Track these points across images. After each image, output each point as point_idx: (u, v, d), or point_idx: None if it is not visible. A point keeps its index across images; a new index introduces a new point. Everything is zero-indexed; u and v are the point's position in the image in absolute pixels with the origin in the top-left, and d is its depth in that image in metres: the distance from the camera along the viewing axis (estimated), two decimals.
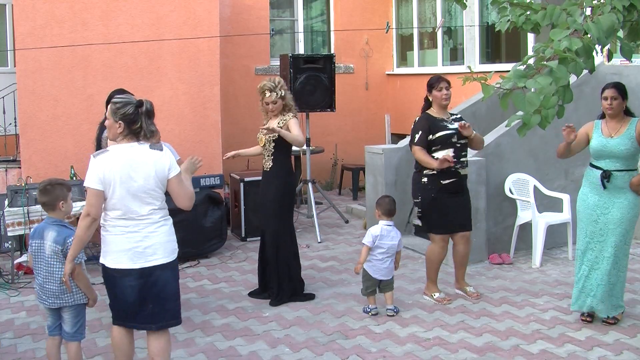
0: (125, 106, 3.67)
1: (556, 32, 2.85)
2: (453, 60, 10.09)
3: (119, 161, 3.62)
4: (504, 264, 6.53)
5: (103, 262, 3.74)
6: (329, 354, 4.54)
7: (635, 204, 4.81)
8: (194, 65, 7.91)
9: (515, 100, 2.71)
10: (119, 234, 3.67)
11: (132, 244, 3.66)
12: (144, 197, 3.67)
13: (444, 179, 5.33)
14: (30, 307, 5.55)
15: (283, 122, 5.55)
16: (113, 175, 3.60)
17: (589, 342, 4.64)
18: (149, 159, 3.67)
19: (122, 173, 3.61)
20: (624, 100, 4.84)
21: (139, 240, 3.66)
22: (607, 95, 4.85)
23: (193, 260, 6.87)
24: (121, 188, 3.61)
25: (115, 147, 3.70)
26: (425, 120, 5.45)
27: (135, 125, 3.66)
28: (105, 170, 3.60)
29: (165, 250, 3.76)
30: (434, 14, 10.25)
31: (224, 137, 8.38)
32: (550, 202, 6.80)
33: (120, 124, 3.66)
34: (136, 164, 3.64)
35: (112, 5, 7.57)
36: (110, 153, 3.66)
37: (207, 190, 7.14)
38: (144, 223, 3.68)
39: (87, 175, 3.65)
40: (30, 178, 6.63)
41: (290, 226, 5.71)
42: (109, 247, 3.70)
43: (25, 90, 7.37)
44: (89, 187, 3.62)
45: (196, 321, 5.21)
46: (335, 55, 8.53)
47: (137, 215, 3.66)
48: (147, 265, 3.69)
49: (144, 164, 3.66)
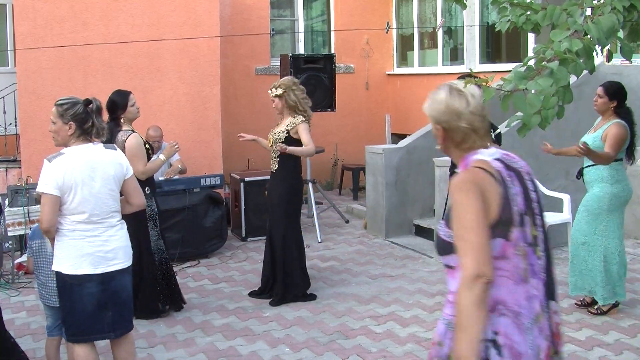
0: (74, 106, 3.60)
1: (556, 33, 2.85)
2: (453, 60, 10.10)
3: (77, 163, 3.53)
4: None
5: (59, 270, 3.56)
6: (329, 354, 4.54)
7: (598, 197, 5.00)
8: (194, 65, 7.92)
9: (516, 102, 2.71)
10: (78, 238, 3.53)
11: (94, 248, 3.54)
12: (105, 199, 3.59)
13: None
14: (31, 307, 5.55)
15: (292, 125, 5.49)
16: (74, 178, 3.49)
17: (589, 342, 4.64)
18: (106, 158, 3.63)
19: (83, 175, 3.52)
20: (610, 100, 4.99)
21: (99, 245, 3.56)
22: (596, 93, 5.08)
23: (193, 260, 6.87)
24: (82, 191, 3.51)
25: (70, 149, 3.58)
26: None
27: (87, 124, 3.59)
28: (65, 174, 3.48)
29: (125, 254, 3.69)
30: (434, 14, 10.24)
31: (224, 137, 8.38)
32: (551, 202, 6.79)
33: (71, 125, 3.57)
34: (95, 164, 3.58)
35: (112, 5, 7.57)
36: (66, 156, 3.55)
37: (207, 190, 7.14)
38: (104, 226, 3.59)
39: (43, 181, 3.48)
40: (30, 178, 6.63)
41: (298, 228, 5.70)
42: (66, 252, 3.54)
43: (26, 90, 7.37)
44: (44, 192, 3.46)
45: (196, 321, 5.21)
46: (335, 55, 8.53)
47: (99, 218, 3.57)
48: (109, 270, 3.58)
49: (103, 164, 3.61)
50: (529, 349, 2.28)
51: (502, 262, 2.27)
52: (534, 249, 2.33)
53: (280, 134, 5.52)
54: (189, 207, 6.86)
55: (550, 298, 2.38)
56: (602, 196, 5.00)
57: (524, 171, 2.40)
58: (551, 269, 2.40)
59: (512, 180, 2.32)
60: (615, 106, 5.00)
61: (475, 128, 2.37)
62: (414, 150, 7.47)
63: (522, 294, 2.30)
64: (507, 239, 2.27)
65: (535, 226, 2.34)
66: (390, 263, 6.72)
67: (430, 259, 6.78)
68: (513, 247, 2.28)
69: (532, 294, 2.32)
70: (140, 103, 7.54)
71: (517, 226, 2.28)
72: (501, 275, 2.27)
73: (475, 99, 2.38)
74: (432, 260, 6.67)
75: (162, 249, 5.32)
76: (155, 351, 4.67)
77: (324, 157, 10.18)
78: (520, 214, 2.29)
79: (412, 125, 9.33)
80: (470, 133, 2.38)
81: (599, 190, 5.01)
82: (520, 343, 2.28)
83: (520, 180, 2.35)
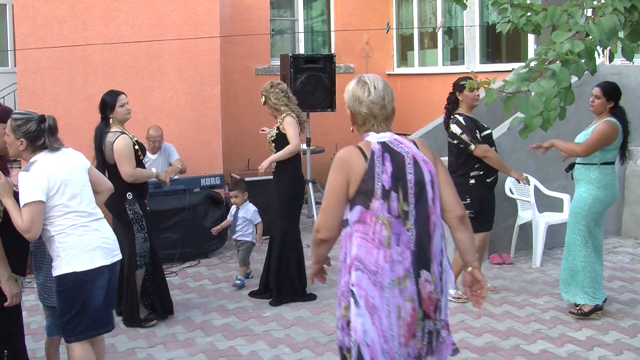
0: (27, 123, 3.55)
1: (558, 34, 2.85)
2: (453, 61, 10.10)
3: (54, 164, 3.56)
4: (504, 264, 6.53)
5: (71, 271, 3.54)
6: (329, 354, 4.54)
7: (582, 198, 5.02)
8: (194, 65, 7.91)
9: (518, 103, 2.72)
10: (83, 233, 3.57)
11: (99, 240, 3.63)
12: (87, 191, 3.67)
13: (488, 177, 5.39)
14: (31, 307, 5.55)
15: (280, 121, 5.57)
16: (56, 178, 3.52)
17: (589, 342, 4.64)
18: (71, 155, 3.70)
19: (64, 173, 3.56)
20: (608, 101, 4.96)
21: (101, 237, 3.65)
22: (592, 93, 5.05)
23: (193, 260, 6.87)
24: (69, 187, 3.55)
25: (38, 156, 3.57)
26: (471, 120, 5.36)
27: (38, 142, 3.57)
28: (48, 175, 3.49)
29: (117, 244, 3.79)
30: (434, 14, 10.25)
31: (224, 137, 8.38)
32: (551, 202, 6.80)
33: (22, 141, 3.55)
34: (67, 161, 3.63)
35: (113, 5, 7.56)
36: (40, 161, 3.54)
37: (207, 190, 7.15)
38: (95, 218, 3.67)
39: (26, 191, 3.45)
40: None
41: (296, 227, 5.71)
42: (76, 250, 3.55)
43: (26, 90, 7.37)
44: (32, 201, 3.42)
45: (196, 321, 5.21)
46: (335, 55, 8.53)
47: (86, 213, 3.62)
48: (114, 260, 3.71)
49: (72, 160, 3.67)
50: (385, 304, 2.72)
51: (361, 226, 2.76)
52: (403, 222, 2.74)
53: (271, 132, 5.64)
54: (189, 207, 6.86)
55: (423, 268, 2.76)
56: (586, 197, 5.00)
57: (408, 155, 2.81)
58: (425, 242, 2.77)
59: (384, 160, 2.77)
60: (612, 106, 4.99)
61: (374, 114, 2.87)
62: None
63: (381, 257, 2.73)
64: (367, 207, 2.74)
65: (407, 202, 2.74)
66: None
67: None
68: (373, 215, 2.73)
69: (395, 259, 2.72)
70: (140, 103, 7.60)
71: (379, 199, 2.73)
72: (360, 237, 2.76)
73: (377, 90, 2.88)
74: None
75: (147, 253, 5.12)
76: (155, 351, 4.67)
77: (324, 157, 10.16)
78: (384, 189, 2.72)
79: (412, 126, 9.33)
80: (369, 118, 2.87)
81: (584, 191, 5.02)
82: (376, 298, 2.72)
83: (395, 162, 2.77)
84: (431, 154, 2.90)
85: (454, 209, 2.87)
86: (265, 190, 7.07)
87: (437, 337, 2.84)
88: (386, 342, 2.72)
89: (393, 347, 2.73)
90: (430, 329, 2.81)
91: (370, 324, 2.72)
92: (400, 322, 2.73)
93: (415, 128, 8.44)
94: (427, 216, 2.77)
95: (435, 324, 2.82)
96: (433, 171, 2.83)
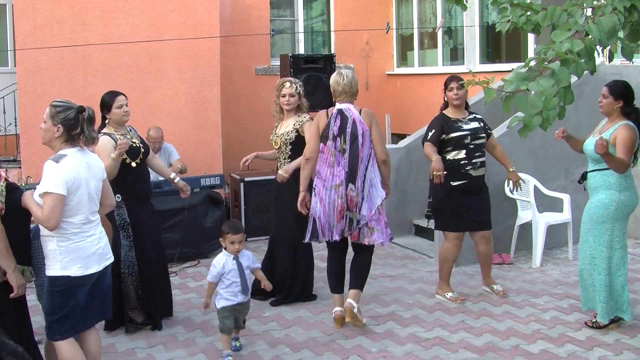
0: (66, 110, 3.62)
1: (558, 33, 2.86)
2: (453, 61, 10.09)
3: (80, 165, 3.61)
4: (504, 264, 6.53)
5: (66, 274, 3.58)
6: (329, 354, 4.54)
7: (604, 204, 4.69)
8: (194, 65, 7.91)
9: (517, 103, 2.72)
10: (82, 239, 3.64)
11: (95, 247, 3.69)
12: (95, 199, 3.74)
13: (453, 180, 5.33)
14: (31, 307, 5.48)
15: (299, 123, 5.45)
16: (79, 179, 3.58)
17: (589, 342, 4.64)
18: (96, 161, 3.79)
19: (86, 176, 3.64)
20: (616, 100, 4.68)
21: (97, 243, 3.71)
22: (601, 93, 4.79)
23: (193, 260, 6.87)
24: (82, 192, 3.60)
25: (70, 151, 3.61)
26: (439, 120, 5.43)
27: (75, 131, 3.62)
28: (73, 174, 3.55)
29: (109, 247, 3.86)
30: (434, 14, 10.24)
31: (224, 137, 8.38)
32: (551, 202, 6.80)
33: (59, 127, 3.60)
34: (90, 166, 3.69)
35: (112, 5, 7.56)
36: (70, 157, 3.59)
37: (207, 190, 7.14)
38: (94, 224, 3.73)
39: (51, 181, 3.47)
40: (30, 178, 6.63)
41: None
42: (74, 255, 3.60)
43: (26, 90, 7.37)
44: (54, 192, 3.46)
45: (196, 321, 5.21)
46: (335, 55, 8.52)
47: (89, 219, 3.68)
48: (106, 265, 3.79)
49: (95, 166, 3.75)
50: (326, 198, 4.78)
51: (322, 155, 4.85)
52: (342, 154, 4.77)
53: (289, 133, 5.47)
54: (189, 207, 6.85)
55: (351, 182, 4.74)
56: (609, 203, 4.67)
57: (350, 118, 4.81)
58: (354, 167, 4.75)
59: (336, 119, 4.82)
60: (622, 106, 4.68)
61: (345, 92, 4.88)
62: (414, 150, 7.46)
63: (329, 172, 4.80)
64: (325, 144, 4.84)
65: (345, 143, 4.77)
66: (390, 263, 6.72)
67: (430, 259, 6.78)
68: (327, 149, 4.82)
69: (335, 173, 4.77)
70: (140, 103, 7.60)
71: (331, 140, 4.81)
72: (320, 160, 4.85)
73: (347, 78, 4.88)
74: (432, 260, 6.67)
75: (133, 263, 5.01)
76: (155, 351, 4.67)
77: None
78: (333, 135, 4.80)
79: (412, 125, 9.33)
80: (342, 94, 4.90)
81: (605, 197, 4.68)
82: (323, 193, 4.80)
83: (342, 120, 4.81)
84: (368, 119, 4.84)
85: (378, 155, 4.85)
86: (265, 191, 7.08)
87: (357, 224, 4.76)
88: (326, 218, 4.78)
89: (330, 222, 4.78)
90: (351, 217, 4.75)
91: (319, 207, 4.81)
92: (335, 209, 4.75)
93: (415, 128, 8.43)
94: (356, 153, 4.75)
95: (355, 216, 4.75)
96: (365, 129, 4.79)
